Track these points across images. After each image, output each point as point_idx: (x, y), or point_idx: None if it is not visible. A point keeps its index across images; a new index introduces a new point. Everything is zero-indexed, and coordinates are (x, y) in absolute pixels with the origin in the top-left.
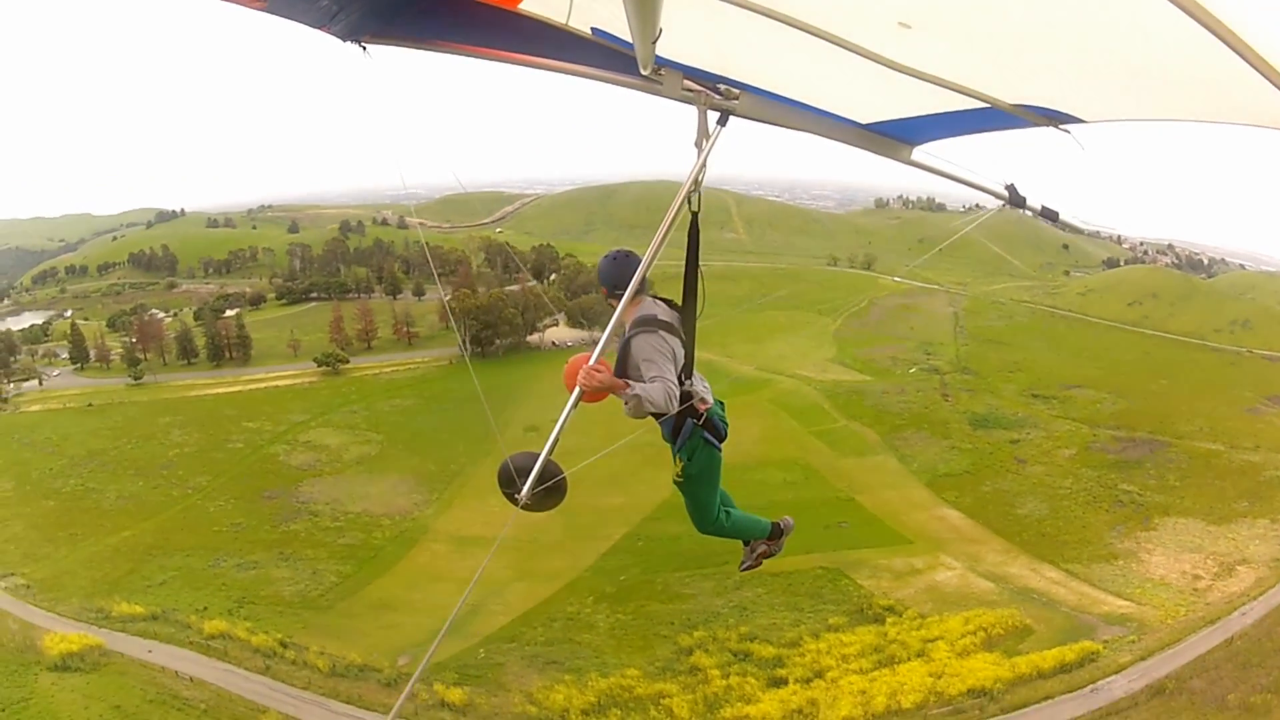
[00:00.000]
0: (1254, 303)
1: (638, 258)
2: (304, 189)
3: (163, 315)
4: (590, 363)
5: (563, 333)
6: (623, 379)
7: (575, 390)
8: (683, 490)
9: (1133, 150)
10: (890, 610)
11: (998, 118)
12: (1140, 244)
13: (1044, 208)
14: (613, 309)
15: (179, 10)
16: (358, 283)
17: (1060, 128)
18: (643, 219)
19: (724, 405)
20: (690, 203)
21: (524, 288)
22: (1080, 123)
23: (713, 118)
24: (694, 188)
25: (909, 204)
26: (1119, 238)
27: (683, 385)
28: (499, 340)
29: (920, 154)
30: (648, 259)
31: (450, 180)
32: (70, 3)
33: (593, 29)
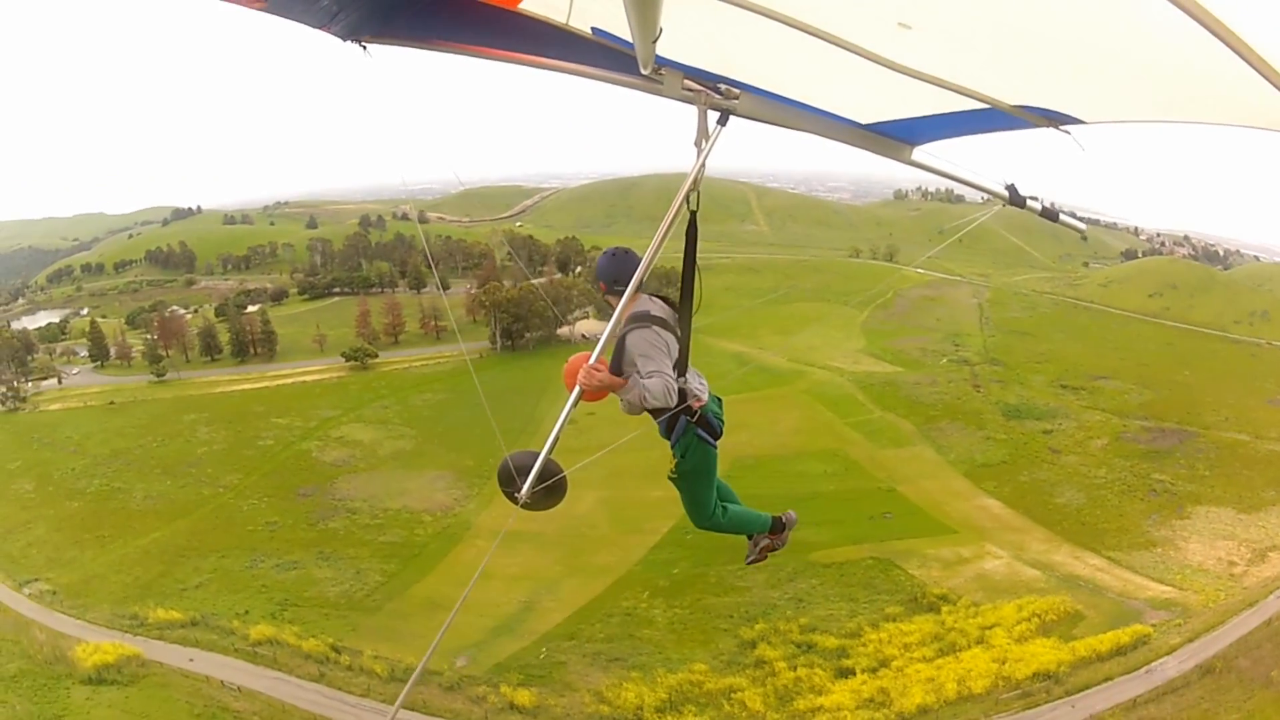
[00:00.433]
0: (1271, 294)
1: (636, 255)
2: (319, 185)
3: (183, 312)
4: (590, 361)
5: (592, 325)
6: (617, 374)
7: (575, 389)
8: (678, 486)
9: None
10: (944, 599)
11: (998, 118)
12: (1157, 235)
13: (1044, 208)
14: (610, 305)
15: (184, 9)
16: (380, 277)
17: (1060, 129)
18: (663, 211)
19: (721, 402)
20: (689, 202)
21: (550, 280)
22: (1080, 124)
23: (713, 117)
24: (693, 187)
25: (928, 195)
26: (1136, 229)
27: (677, 383)
28: (529, 333)
29: (921, 153)
30: (649, 257)
31: (469, 174)
32: (75, 2)
33: (593, 29)
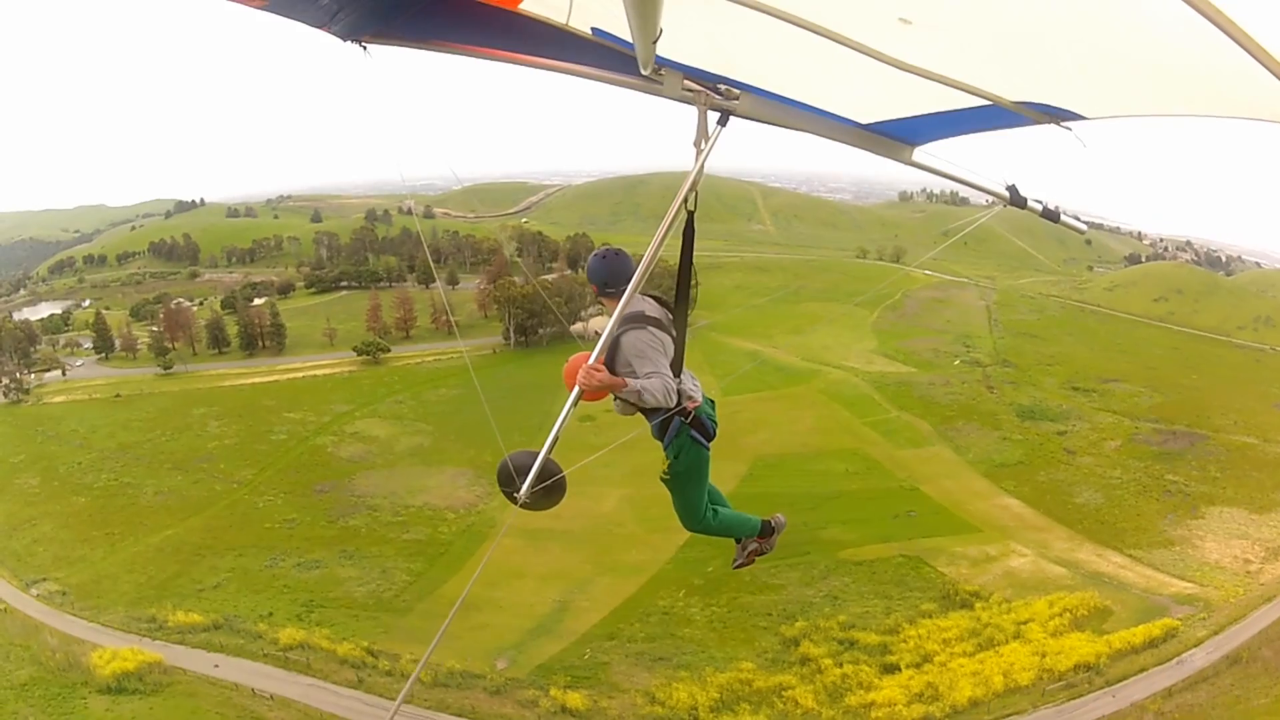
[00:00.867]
0: (1274, 300)
1: (627, 255)
2: (321, 180)
3: (188, 304)
4: (590, 362)
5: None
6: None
7: (575, 389)
8: (669, 487)
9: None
10: (976, 596)
11: (999, 116)
12: (1160, 240)
13: (1045, 209)
14: (603, 306)
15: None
16: (389, 271)
17: (1062, 125)
18: (669, 209)
19: (714, 404)
20: (687, 202)
21: (562, 276)
22: (1082, 119)
23: (713, 118)
24: (692, 188)
25: (932, 197)
26: (1139, 234)
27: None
28: (543, 329)
29: (921, 154)
30: (648, 258)
31: (469, 170)
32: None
33: (593, 29)
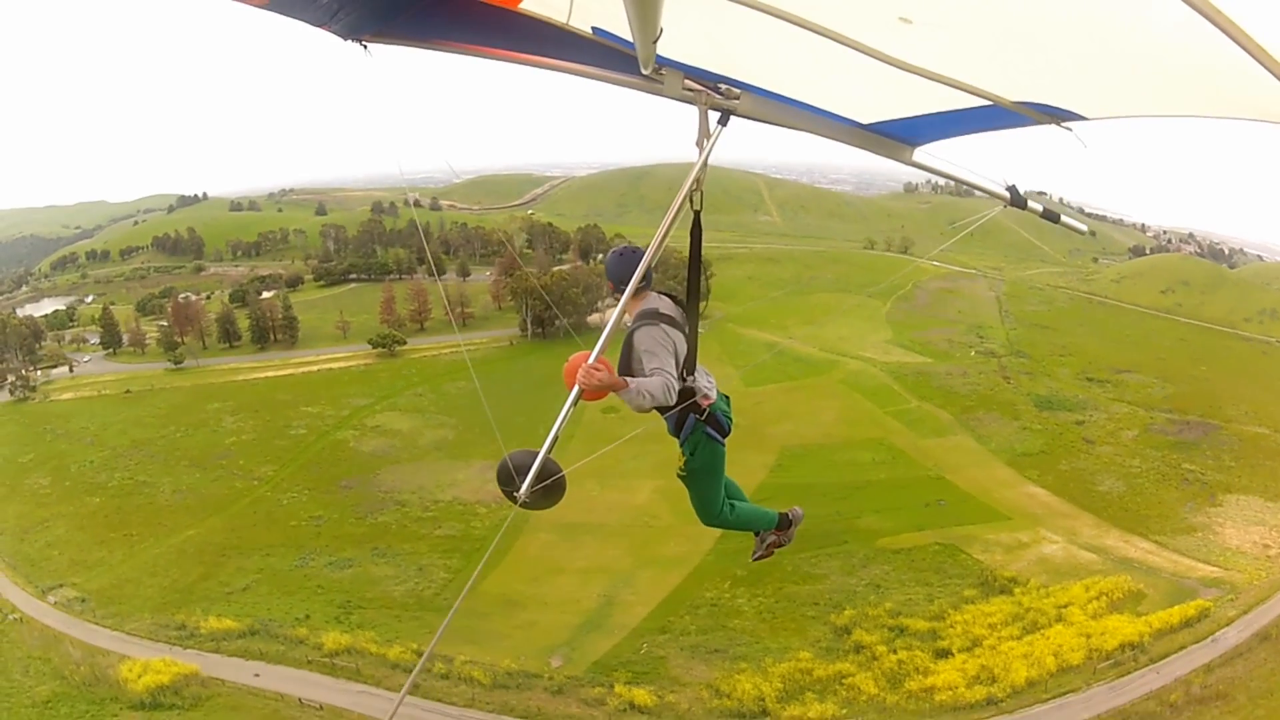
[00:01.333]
0: (1279, 294)
1: (644, 253)
2: (323, 173)
3: (195, 298)
4: (590, 361)
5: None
6: (625, 373)
7: (575, 389)
8: (686, 484)
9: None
10: (1014, 581)
11: (1000, 116)
12: (1164, 232)
13: (1045, 209)
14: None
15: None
16: (398, 263)
17: (1063, 125)
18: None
19: (729, 400)
20: (692, 201)
21: (575, 266)
22: (1083, 120)
23: (713, 117)
24: (695, 187)
25: (937, 189)
26: (1143, 226)
27: (685, 381)
28: (560, 320)
29: (922, 154)
30: (649, 256)
31: (473, 163)
32: None
33: (593, 28)
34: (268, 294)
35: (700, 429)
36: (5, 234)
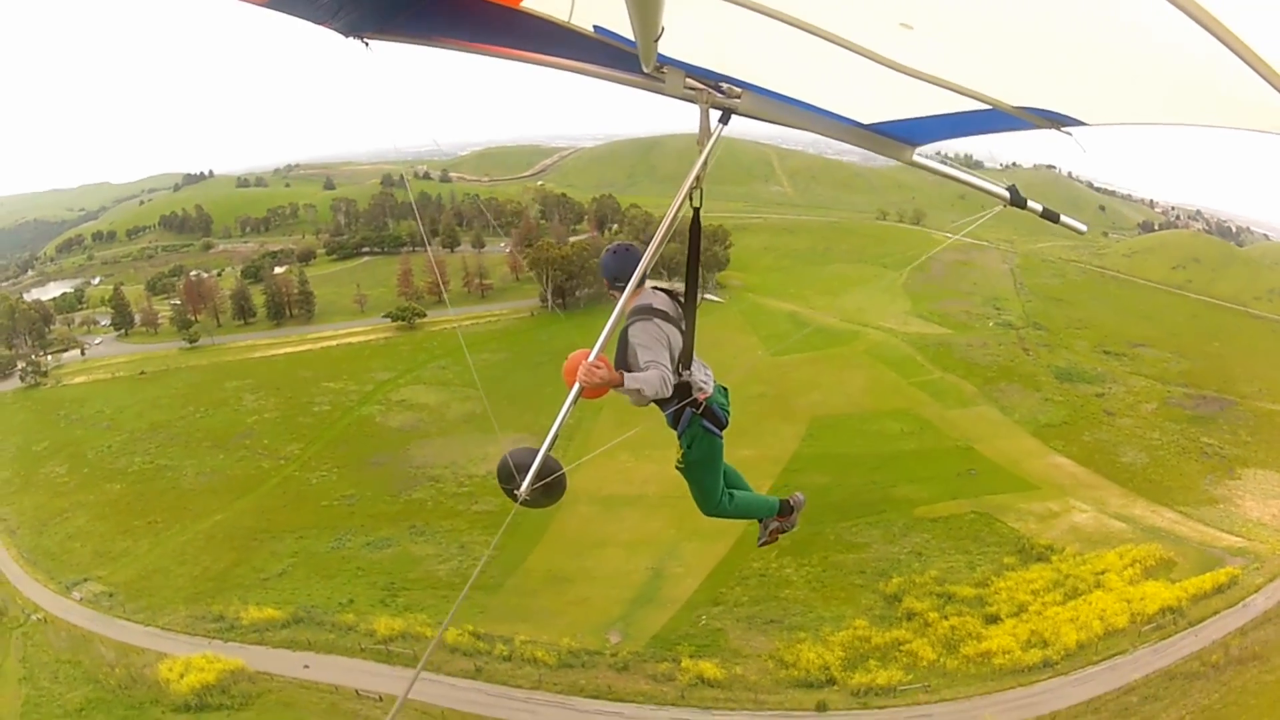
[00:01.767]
0: None
1: (639, 251)
2: (328, 149)
3: (206, 275)
4: (590, 359)
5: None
6: (621, 368)
7: (575, 387)
8: (685, 476)
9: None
10: (1050, 549)
11: (999, 119)
12: (1172, 209)
13: (1045, 209)
14: (616, 301)
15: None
16: (411, 236)
17: (1062, 130)
18: (686, 171)
19: (726, 392)
20: (691, 199)
21: (590, 236)
22: (1083, 125)
23: (714, 116)
24: (695, 185)
25: (947, 160)
26: (1151, 202)
27: (681, 375)
28: (581, 291)
29: (922, 152)
30: (650, 253)
31: (486, 135)
32: None
33: (595, 27)
34: (280, 269)
35: (697, 422)
36: (8, 220)
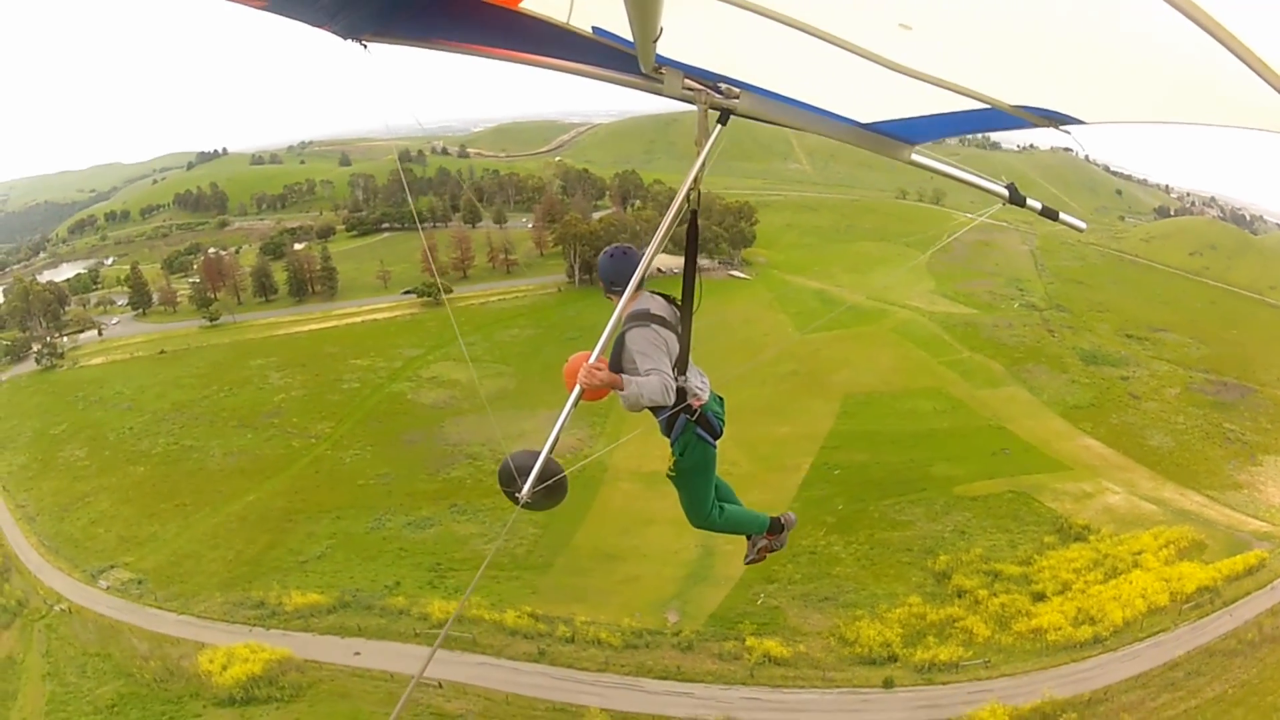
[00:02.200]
0: None
1: (636, 254)
2: (340, 126)
3: (224, 253)
4: (590, 360)
5: (667, 259)
6: (617, 372)
7: (575, 389)
8: (675, 484)
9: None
10: (1087, 529)
11: (998, 118)
12: (1187, 195)
13: (1044, 207)
14: (613, 306)
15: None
16: (432, 212)
17: (1061, 129)
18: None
19: (722, 401)
20: (689, 200)
21: (615, 211)
22: (1081, 124)
23: (713, 117)
24: (694, 186)
25: (965, 141)
26: (1167, 187)
27: (677, 381)
28: None
29: (921, 151)
30: (648, 256)
31: (501, 111)
32: None
33: (593, 28)
34: (299, 246)
35: (691, 429)
36: (18, 203)
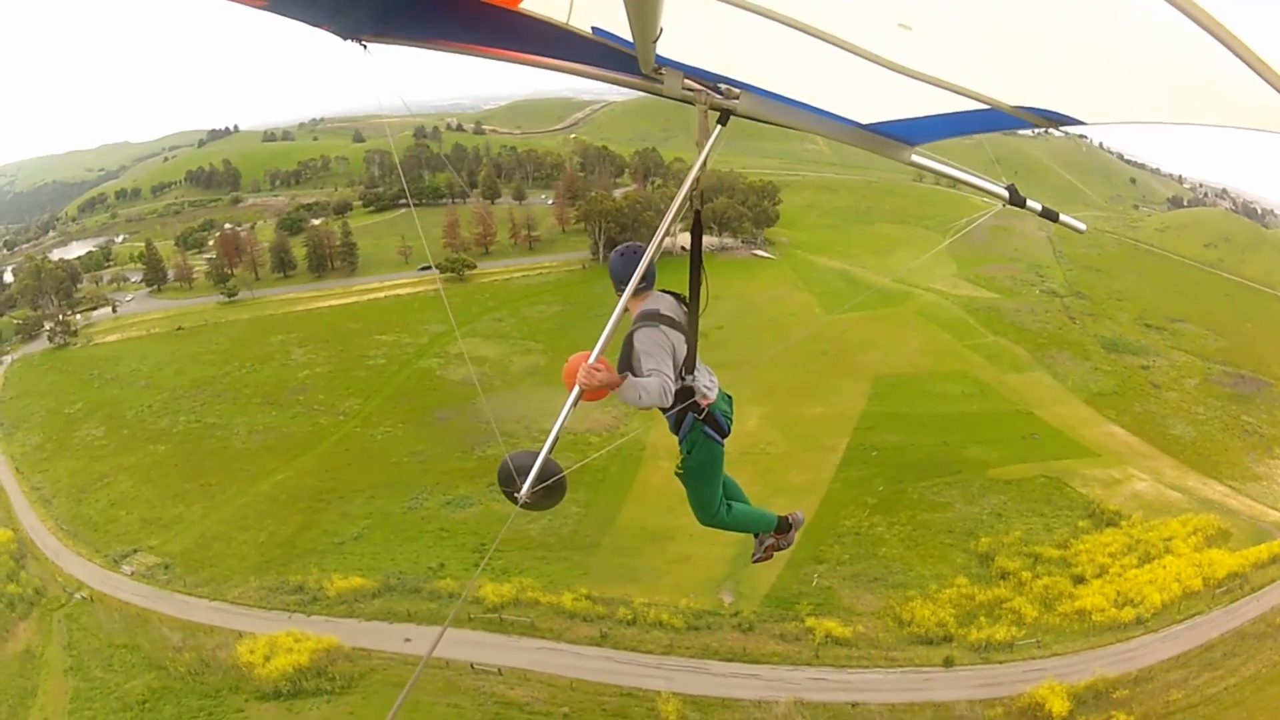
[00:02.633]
0: None
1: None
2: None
3: (239, 229)
4: (590, 360)
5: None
6: (625, 372)
7: (575, 389)
8: (683, 482)
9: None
10: (1118, 515)
11: (998, 119)
12: (1200, 185)
13: (1044, 208)
14: (627, 305)
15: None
16: (450, 188)
17: (1060, 129)
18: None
19: (730, 400)
20: (692, 200)
21: (639, 187)
22: (1081, 124)
23: (713, 117)
24: (695, 185)
25: None
26: (1180, 177)
27: (684, 380)
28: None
29: (921, 151)
30: (648, 256)
31: (513, 88)
32: None
33: (593, 28)
34: (316, 221)
35: (699, 428)
36: (26, 183)
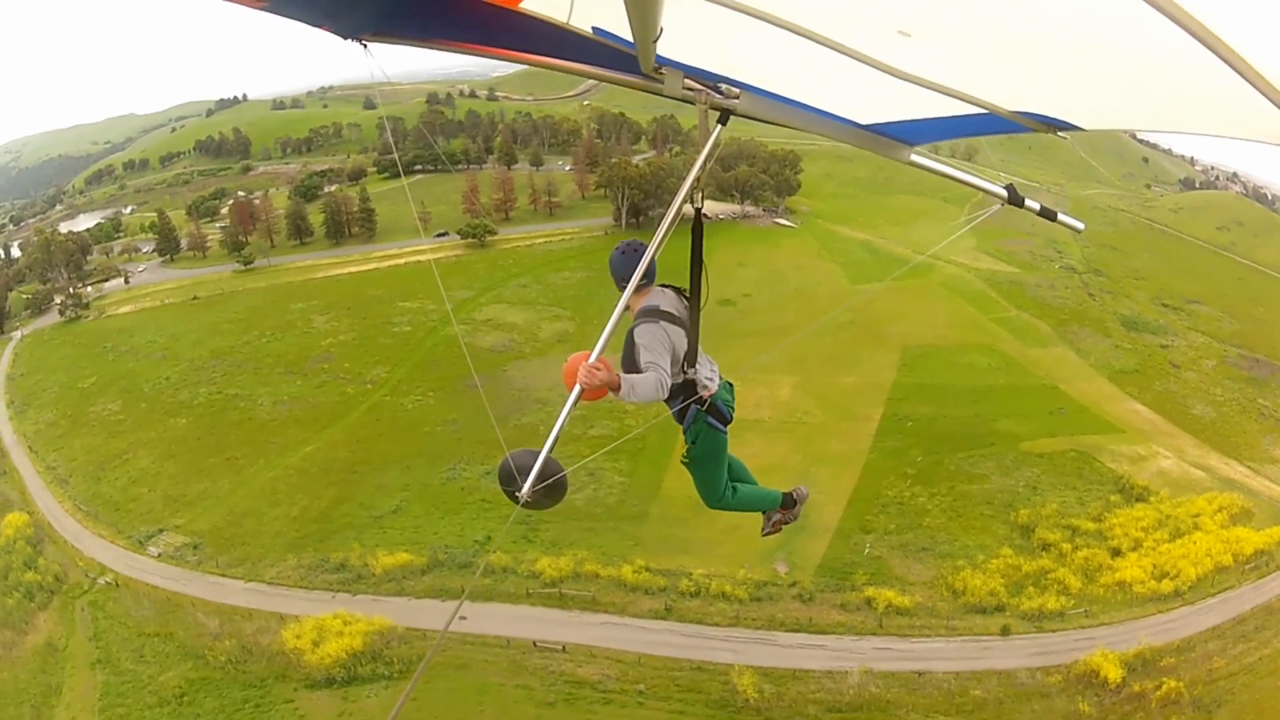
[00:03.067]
0: None
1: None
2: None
3: (251, 196)
4: (590, 360)
5: (714, 205)
6: (628, 365)
7: (575, 389)
8: (690, 470)
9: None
10: (1147, 490)
11: (997, 123)
12: (1211, 168)
13: (1043, 207)
14: (628, 302)
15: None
16: (466, 154)
17: (1058, 134)
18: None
19: (732, 388)
20: (692, 199)
21: (658, 154)
22: (1079, 130)
23: (713, 116)
24: (695, 185)
25: None
26: (1191, 159)
27: (686, 373)
28: (655, 210)
29: (920, 151)
30: (649, 256)
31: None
32: None
33: (594, 28)
34: (331, 188)
35: (702, 419)
36: (32, 158)
